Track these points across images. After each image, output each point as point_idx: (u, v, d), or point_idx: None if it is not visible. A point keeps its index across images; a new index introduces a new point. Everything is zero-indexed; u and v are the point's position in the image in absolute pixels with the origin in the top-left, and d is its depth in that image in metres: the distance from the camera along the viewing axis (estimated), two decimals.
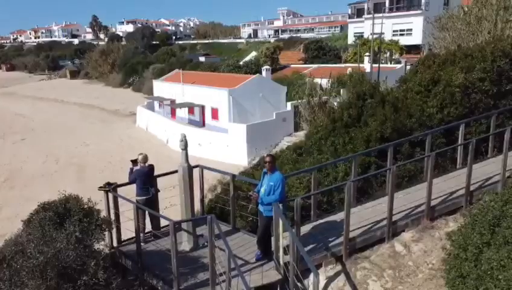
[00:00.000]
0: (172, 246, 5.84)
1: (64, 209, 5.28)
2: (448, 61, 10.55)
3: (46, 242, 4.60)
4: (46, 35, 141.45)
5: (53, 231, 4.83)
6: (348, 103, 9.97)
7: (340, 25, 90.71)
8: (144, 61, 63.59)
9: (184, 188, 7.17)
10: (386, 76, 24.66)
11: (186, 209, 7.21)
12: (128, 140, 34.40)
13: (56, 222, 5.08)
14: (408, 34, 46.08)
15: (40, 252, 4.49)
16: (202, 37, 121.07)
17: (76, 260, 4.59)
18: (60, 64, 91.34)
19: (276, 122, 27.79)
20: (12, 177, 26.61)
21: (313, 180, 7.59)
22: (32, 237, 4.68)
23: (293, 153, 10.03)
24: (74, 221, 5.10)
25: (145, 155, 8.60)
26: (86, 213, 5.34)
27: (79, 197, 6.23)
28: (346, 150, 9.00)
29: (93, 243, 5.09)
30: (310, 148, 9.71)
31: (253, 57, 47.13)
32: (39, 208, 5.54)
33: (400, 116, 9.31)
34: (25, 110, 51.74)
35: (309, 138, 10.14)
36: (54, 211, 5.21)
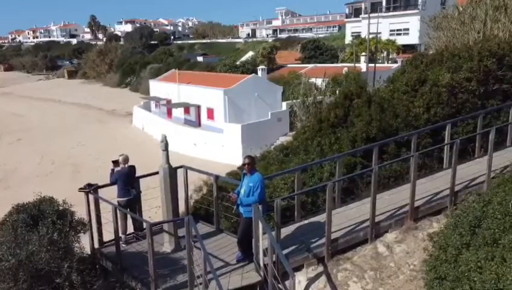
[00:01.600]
0: (149, 248, 5.81)
1: (37, 211, 5.24)
2: (436, 61, 10.52)
3: (18, 244, 4.56)
4: (44, 35, 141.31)
5: (26, 233, 4.79)
6: (334, 103, 9.94)
7: (338, 25, 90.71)
8: (142, 61, 63.55)
9: (165, 190, 7.14)
10: (380, 76, 24.64)
11: (167, 211, 7.17)
12: (124, 140, 34.34)
13: (29, 224, 5.04)
14: (405, 33, 46.05)
15: (12, 255, 4.46)
16: (201, 37, 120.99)
17: (50, 262, 4.56)
18: (58, 64, 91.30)
19: (272, 122, 27.72)
20: (8, 178, 26.57)
21: (296, 181, 7.55)
22: (5, 240, 4.64)
23: (279, 154, 10.01)
24: (47, 223, 5.06)
25: (126, 156, 8.56)
26: (59, 215, 5.30)
27: (53, 199, 6.18)
28: (333, 150, 8.96)
29: (70, 245, 5.04)
30: (297, 148, 9.69)
31: (250, 57, 47.09)
32: (13, 210, 5.50)
33: (386, 116, 9.28)
34: (21, 110, 51.68)
35: (296, 138, 10.11)
36: (28, 213, 5.17)
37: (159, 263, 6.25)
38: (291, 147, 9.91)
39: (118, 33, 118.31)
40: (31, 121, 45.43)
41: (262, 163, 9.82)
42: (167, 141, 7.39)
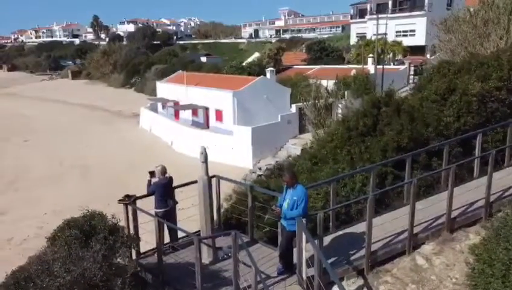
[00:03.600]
0: (197, 262, 5.78)
1: (89, 226, 5.22)
2: (464, 69, 10.49)
3: (72, 261, 4.54)
4: (47, 35, 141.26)
5: (79, 250, 4.77)
6: (363, 112, 9.91)
7: (342, 25, 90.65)
8: (146, 61, 63.50)
9: (204, 200, 7.10)
10: (393, 79, 24.60)
11: (206, 222, 7.14)
12: (132, 142, 34.33)
13: (82, 240, 5.02)
14: (411, 34, 46.01)
15: (66, 271, 4.44)
16: (203, 37, 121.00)
17: (103, 279, 4.54)
18: (61, 65, 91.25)
19: (281, 124, 27.73)
20: (17, 180, 26.54)
21: (331, 193, 7.53)
22: (59, 256, 4.62)
23: (308, 162, 9.98)
24: (100, 239, 5.04)
25: (164, 167, 8.53)
26: (111, 230, 5.28)
27: (103, 214, 6.15)
28: (363, 160, 8.94)
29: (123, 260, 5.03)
30: (325, 156, 9.66)
31: (256, 58, 47.05)
32: (64, 225, 5.47)
33: (416, 126, 9.26)
34: (27, 111, 51.65)
35: (323, 146, 10.08)
36: (80, 229, 5.15)
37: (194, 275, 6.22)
38: (319, 156, 9.89)
39: (120, 33, 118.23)
40: (37, 122, 45.39)
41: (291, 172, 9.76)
42: (206, 153, 7.37)
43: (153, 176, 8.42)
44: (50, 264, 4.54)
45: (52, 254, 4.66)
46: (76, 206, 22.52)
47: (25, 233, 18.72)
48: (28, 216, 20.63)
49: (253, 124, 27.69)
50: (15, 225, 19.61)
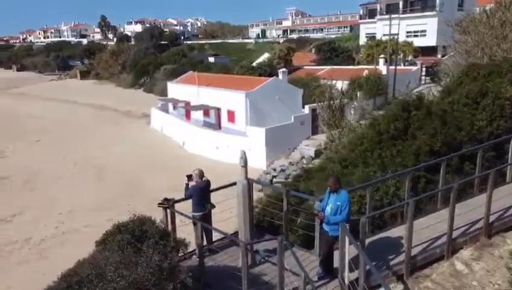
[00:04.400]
0: (243, 266, 5.74)
1: (140, 231, 5.21)
2: (495, 72, 10.41)
3: (126, 266, 4.53)
4: (55, 35, 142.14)
5: (132, 255, 4.76)
6: (393, 115, 9.84)
7: (350, 25, 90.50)
8: (155, 62, 63.64)
9: (243, 204, 7.08)
10: (409, 81, 24.46)
11: (245, 225, 7.11)
12: (144, 142, 34.43)
13: (134, 244, 5.00)
14: (422, 35, 45.77)
15: (119, 276, 4.42)
16: (210, 37, 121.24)
17: (156, 284, 4.53)
18: (69, 65, 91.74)
19: (294, 125, 27.69)
20: (32, 180, 26.65)
21: (368, 197, 7.48)
22: (112, 261, 4.61)
23: (338, 165, 9.93)
24: (151, 244, 5.03)
25: (201, 171, 8.51)
26: (161, 235, 5.27)
27: (152, 219, 6.14)
28: (395, 163, 8.89)
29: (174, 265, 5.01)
30: (355, 160, 9.62)
31: (266, 59, 47.02)
32: (114, 229, 5.47)
33: (449, 129, 9.18)
34: (37, 111, 51.95)
35: (353, 149, 10.03)
36: (131, 234, 5.14)
37: (236, 278, 6.19)
38: (349, 159, 9.84)
39: (128, 33, 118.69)
40: (48, 122, 45.63)
41: (321, 175, 9.75)
42: (246, 157, 7.34)
43: (190, 180, 8.39)
44: (103, 268, 4.53)
45: (105, 259, 4.65)
46: (90, 207, 22.68)
47: (42, 233, 18.83)
48: (44, 216, 20.75)
49: (265, 125, 27.67)
50: (32, 225, 19.72)
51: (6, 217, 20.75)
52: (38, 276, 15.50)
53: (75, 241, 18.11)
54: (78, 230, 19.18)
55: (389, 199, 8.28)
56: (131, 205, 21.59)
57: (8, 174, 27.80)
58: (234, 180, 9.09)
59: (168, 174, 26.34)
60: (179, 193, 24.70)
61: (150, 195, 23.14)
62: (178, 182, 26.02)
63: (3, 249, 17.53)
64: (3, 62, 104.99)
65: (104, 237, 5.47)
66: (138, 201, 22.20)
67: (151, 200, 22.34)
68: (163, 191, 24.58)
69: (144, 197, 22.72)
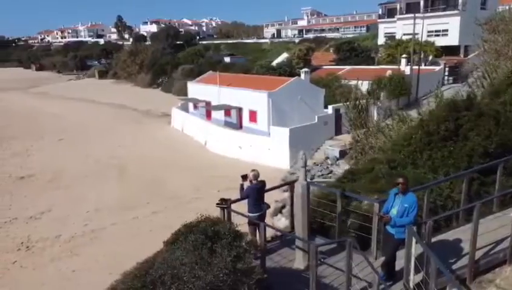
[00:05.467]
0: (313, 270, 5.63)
1: (212, 231, 5.16)
2: None
3: (201, 267, 4.48)
4: (72, 35, 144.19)
5: (207, 255, 4.71)
6: (443, 116, 9.65)
7: (366, 25, 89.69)
8: (173, 61, 64.01)
9: (302, 206, 6.99)
10: (439, 80, 24.11)
11: (303, 226, 7.03)
12: (165, 141, 34.64)
13: (208, 245, 4.95)
14: (444, 34, 45.08)
15: (195, 277, 4.38)
16: (225, 37, 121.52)
17: (231, 286, 4.47)
18: (87, 64, 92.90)
19: (318, 125, 27.54)
20: (57, 178, 26.98)
21: (426, 199, 7.33)
22: (188, 261, 4.56)
23: (386, 166, 9.77)
24: (225, 244, 4.97)
25: (257, 172, 8.44)
26: (235, 236, 5.21)
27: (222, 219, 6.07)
28: (447, 165, 8.71)
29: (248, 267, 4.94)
30: (403, 161, 9.46)
31: (285, 58, 46.87)
32: (185, 229, 5.42)
33: (503, 130, 8.97)
34: (58, 110, 52.71)
35: (400, 150, 9.86)
36: (204, 234, 5.09)
37: (297, 280, 6.13)
38: (397, 160, 9.68)
39: (143, 33, 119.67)
40: (69, 121, 46.23)
41: (369, 176, 9.61)
42: (306, 158, 7.26)
43: (244, 180, 8.34)
44: (177, 268, 4.49)
45: (178, 259, 4.61)
46: (115, 205, 22.80)
47: (71, 231, 19.03)
48: (71, 214, 20.97)
49: (286, 125, 27.58)
50: (61, 223, 19.94)
51: (35, 214, 21.05)
52: (69, 273, 15.77)
53: (104, 238, 18.30)
54: (106, 228, 19.36)
55: (442, 201, 8.11)
56: (153, 203, 21.81)
57: (33, 172, 28.23)
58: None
59: (191, 174, 26.45)
60: (202, 193, 24.65)
61: (173, 194, 23.30)
62: (202, 181, 26.14)
63: (35, 246, 17.78)
64: (23, 61, 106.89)
65: (175, 237, 5.42)
66: (161, 200, 22.35)
67: (174, 199, 22.58)
68: (188, 191, 24.81)
69: (167, 196, 22.86)
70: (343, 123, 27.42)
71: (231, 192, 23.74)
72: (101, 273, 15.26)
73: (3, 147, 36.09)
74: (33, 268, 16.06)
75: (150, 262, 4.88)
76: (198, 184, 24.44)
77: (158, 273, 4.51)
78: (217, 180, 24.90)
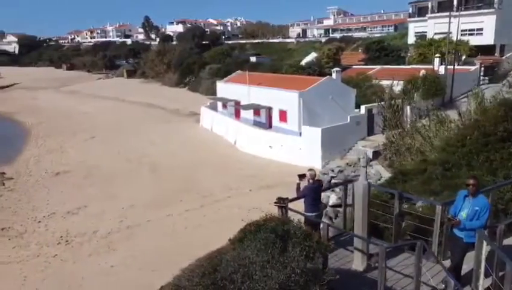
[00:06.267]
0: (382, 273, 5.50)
1: (283, 230, 5.10)
2: None
3: (273, 266, 4.43)
4: (101, 35, 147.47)
5: (279, 255, 4.66)
6: (502, 116, 9.32)
7: (394, 24, 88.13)
8: (200, 61, 64.55)
9: (363, 206, 6.86)
10: (475, 80, 23.40)
11: (362, 227, 6.90)
12: (195, 140, 34.93)
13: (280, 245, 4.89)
14: (478, 33, 43.77)
15: (266, 276, 4.33)
16: (250, 37, 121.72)
17: (301, 286, 4.40)
18: (115, 64, 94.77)
19: (350, 125, 27.18)
20: (91, 174, 27.54)
21: (490, 202, 7.06)
22: (260, 259, 4.51)
23: (439, 167, 9.51)
24: (296, 244, 4.91)
25: (314, 172, 8.37)
26: (305, 236, 5.15)
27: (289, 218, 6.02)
28: (507, 167, 8.41)
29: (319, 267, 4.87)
30: (458, 162, 9.18)
31: (314, 58, 46.54)
32: (252, 227, 5.38)
33: None
34: (89, 109, 53.93)
35: (454, 151, 9.57)
36: (274, 233, 5.04)
37: (357, 282, 6.00)
38: (452, 161, 9.41)
39: (170, 33, 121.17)
40: (100, 119, 47.21)
41: (422, 177, 9.37)
42: (368, 158, 7.12)
43: (301, 179, 8.26)
44: (248, 267, 4.45)
45: (248, 257, 4.56)
46: (149, 202, 23.12)
47: (108, 226, 19.37)
48: (107, 210, 21.34)
49: (317, 124, 27.32)
50: (97, 218, 20.34)
51: (73, 209, 21.54)
52: (108, 268, 16.05)
53: (140, 235, 18.55)
54: (141, 225, 19.61)
55: (503, 205, 7.82)
56: (186, 201, 21.97)
57: (68, 168, 28.94)
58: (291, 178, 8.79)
59: (223, 173, 26.56)
60: (234, 192, 24.63)
61: (205, 192, 23.44)
62: (233, 180, 26.15)
63: (73, 240, 18.18)
64: (54, 61, 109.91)
65: (242, 235, 5.38)
66: (194, 198, 22.51)
67: (207, 197, 22.70)
68: (220, 189, 24.90)
69: (200, 195, 23.02)
70: (376, 123, 26.96)
71: (263, 191, 23.88)
72: (139, 270, 15.51)
73: (39, 144, 37.19)
74: (73, 262, 16.42)
75: (216, 259, 4.85)
76: (230, 183, 24.50)
77: (228, 271, 4.47)
78: (248, 180, 24.93)
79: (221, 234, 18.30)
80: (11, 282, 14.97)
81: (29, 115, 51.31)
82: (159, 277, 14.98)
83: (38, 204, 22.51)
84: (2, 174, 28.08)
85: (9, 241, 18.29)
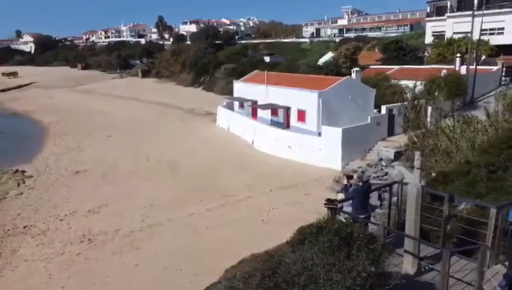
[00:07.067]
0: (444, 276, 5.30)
1: (346, 233, 4.93)
2: None
3: (338, 269, 4.26)
4: (115, 35, 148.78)
5: (344, 258, 4.49)
6: None
7: (410, 24, 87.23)
8: (214, 61, 64.55)
9: (416, 208, 6.64)
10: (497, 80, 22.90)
11: (415, 230, 6.67)
12: (212, 139, 34.85)
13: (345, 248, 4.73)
14: (499, 33, 42.98)
15: (330, 279, 4.16)
16: (263, 37, 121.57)
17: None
18: (130, 64, 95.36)
19: (371, 126, 26.83)
20: (110, 173, 27.62)
21: None
22: (325, 262, 4.34)
23: (484, 169, 9.21)
24: (361, 247, 4.73)
25: (361, 173, 8.19)
26: (369, 239, 4.97)
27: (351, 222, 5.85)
28: None
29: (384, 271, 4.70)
30: (504, 164, 8.89)
31: (331, 58, 46.18)
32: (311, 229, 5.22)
33: None
34: (105, 108, 54.28)
35: (498, 154, 9.28)
36: (338, 235, 4.87)
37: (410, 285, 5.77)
38: (497, 163, 9.12)
39: (183, 33, 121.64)
40: (116, 118, 47.45)
41: (465, 179, 9.09)
42: (422, 159, 6.89)
43: (349, 180, 8.06)
44: (312, 270, 4.28)
45: (311, 260, 4.39)
46: (169, 201, 23.10)
47: (130, 225, 19.35)
48: (128, 209, 21.34)
49: (336, 124, 27.03)
50: (119, 217, 20.34)
51: (94, 208, 21.58)
52: (132, 266, 16.01)
53: (162, 234, 18.50)
54: (162, 224, 19.57)
55: None
56: (206, 200, 21.87)
57: (87, 167, 29.07)
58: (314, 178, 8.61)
59: (242, 172, 26.41)
60: (254, 191, 24.45)
61: (226, 192, 23.32)
62: (252, 180, 25.95)
63: (96, 239, 18.19)
64: (70, 61, 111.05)
65: (301, 237, 5.21)
66: (214, 197, 22.41)
67: (227, 197, 22.58)
68: (240, 189, 24.76)
69: (220, 194, 22.90)
70: (397, 124, 26.58)
71: (283, 192, 23.65)
72: (163, 269, 15.45)
73: (57, 142, 37.49)
74: (97, 260, 16.42)
75: (273, 261, 4.68)
76: (250, 183, 24.36)
77: (291, 274, 4.30)
78: (267, 180, 24.75)
79: (244, 234, 18.24)
80: (37, 280, 15.02)
81: (46, 114, 51.85)
82: (184, 277, 14.97)
83: (59, 202, 22.62)
84: (23, 173, 28.33)
85: (33, 239, 18.38)
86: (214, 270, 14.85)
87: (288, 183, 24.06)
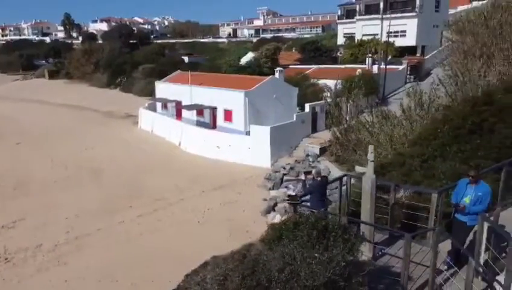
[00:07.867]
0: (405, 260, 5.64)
1: (322, 226, 4.99)
2: None
3: (319, 263, 4.32)
4: (14, 33, 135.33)
5: (323, 250, 4.55)
6: (469, 110, 10.07)
7: (322, 25, 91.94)
8: (131, 61, 61.95)
9: (370, 199, 6.98)
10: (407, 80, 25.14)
11: (370, 220, 7.03)
12: (136, 142, 33.44)
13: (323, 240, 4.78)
14: (402, 35, 47.21)
15: (312, 272, 4.22)
16: (179, 36, 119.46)
17: (345, 278, 4.37)
18: (34, 64, 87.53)
19: (296, 124, 27.80)
20: (23, 184, 25.22)
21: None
22: (306, 256, 4.37)
23: (417, 159, 9.99)
24: (337, 238, 4.83)
25: (319, 169, 8.40)
26: (343, 229, 5.08)
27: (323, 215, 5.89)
28: (477, 157, 9.12)
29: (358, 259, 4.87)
30: (432, 154, 9.76)
31: (252, 58, 46.90)
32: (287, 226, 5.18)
33: None
34: (9, 112, 49.25)
35: (427, 144, 10.16)
36: (315, 228, 4.90)
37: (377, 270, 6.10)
38: (427, 153, 9.96)
39: (93, 32, 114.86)
40: (23, 123, 43.39)
41: (401, 169, 9.80)
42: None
43: (308, 176, 8.20)
44: (293, 264, 4.29)
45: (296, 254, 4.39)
46: (96, 210, 21.73)
47: (53, 239, 17.87)
48: (49, 222, 19.70)
49: (262, 123, 27.65)
50: (39, 231, 18.67)
51: (7, 223, 19.56)
52: (61, 283, 14.78)
53: (92, 245, 17.36)
54: (91, 234, 18.39)
55: None
56: (136, 206, 21.01)
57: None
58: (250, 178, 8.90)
59: (171, 175, 25.74)
60: (186, 193, 23.92)
61: (157, 196, 22.57)
62: (183, 182, 25.35)
63: (14, 257, 16.52)
64: None
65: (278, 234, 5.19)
66: (145, 202, 21.57)
67: (159, 201, 21.85)
68: (171, 192, 24.06)
69: (151, 199, 22.12)
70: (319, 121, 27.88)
71: (216, 192, 23.49)
72: (98, 282, 14.52)
73: None
74: (18, 281, 14.92)
75: (251, 260, 4.62)
76: (181, 185, 23.87)
77: (273, 271, 4.30)
78: (199, 181, 24.44)
79: (181, 238, 17.75)
80: None
81: None
82: (121, 288, 14.21)
83: None
84: None
85: None
86: (155, 278, 14.36)
87: (220, 183, 23.99)
